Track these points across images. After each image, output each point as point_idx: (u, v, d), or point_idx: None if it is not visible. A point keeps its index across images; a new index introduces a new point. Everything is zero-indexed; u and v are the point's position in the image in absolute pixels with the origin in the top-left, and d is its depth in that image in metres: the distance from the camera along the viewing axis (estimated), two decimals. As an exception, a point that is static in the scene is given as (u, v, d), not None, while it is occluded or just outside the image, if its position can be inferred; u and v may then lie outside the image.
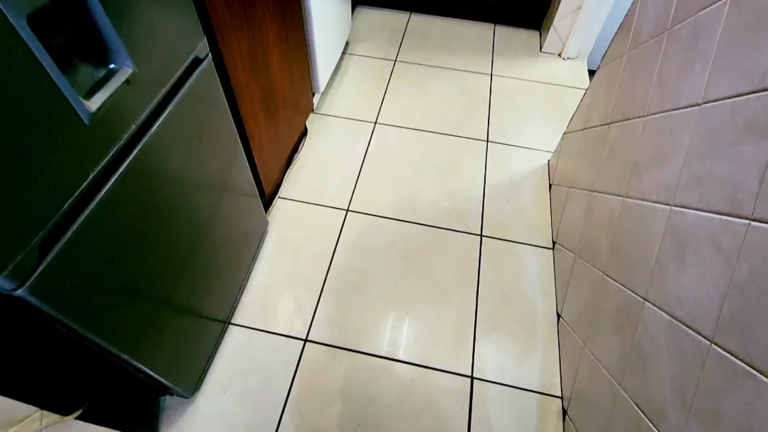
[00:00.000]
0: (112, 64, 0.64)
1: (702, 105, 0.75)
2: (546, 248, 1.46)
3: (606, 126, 1.18)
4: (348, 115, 1.84)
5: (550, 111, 1.90)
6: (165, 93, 0.76)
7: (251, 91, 1.16)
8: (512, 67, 2.09)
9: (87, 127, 0.60)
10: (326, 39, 1.67)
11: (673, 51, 0.88)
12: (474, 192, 1.60)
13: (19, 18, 0.47)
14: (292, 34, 1.38)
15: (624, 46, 1.15)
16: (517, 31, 2.30)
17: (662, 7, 0.97)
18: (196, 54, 0.84)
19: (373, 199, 1.57)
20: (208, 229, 1.01)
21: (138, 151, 0.71)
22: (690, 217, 0.73)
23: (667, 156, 0.83)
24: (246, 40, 1.07)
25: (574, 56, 2.14)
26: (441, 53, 2.14)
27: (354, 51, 2.12)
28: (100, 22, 0.59)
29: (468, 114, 1.87)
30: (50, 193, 0.56)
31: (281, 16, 1.26)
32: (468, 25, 2.32)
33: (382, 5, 2.39)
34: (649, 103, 0.95)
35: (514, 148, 1.76)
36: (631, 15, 1.14)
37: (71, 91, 0.56)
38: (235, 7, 0.98)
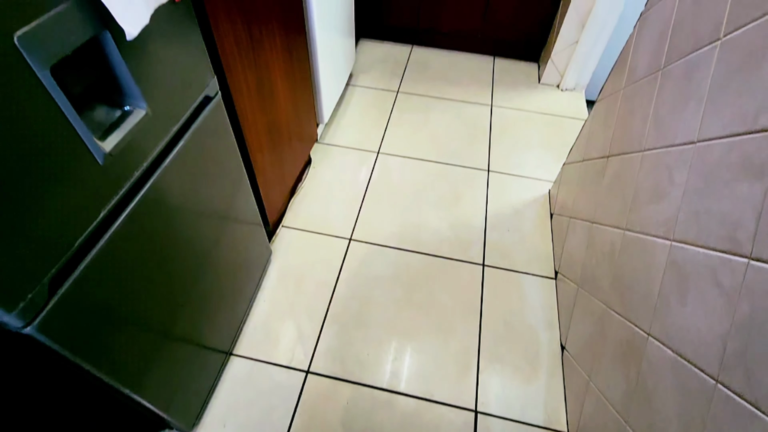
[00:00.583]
0: (127, 106, 0.67)
1: (697, 143, 0.77)
2: (548, 278, 1.46)
3: (605, 158, 1.20)
4: (351, 145, 1.87)
5: (550, 141, 1.94)
6: (176, 131, 0.79)
7: (258, 124, 1.19)
8: (512, 98, 2.14)
9: (101, 168, 0.62)
10: (331, 72, 1.72)
11: (668, 89, 0.91)
12: (476, 221, 1.62)
13: (43, 69, 0.50)
14: (298, 68, 1.42)
15: (620, 83, 1.18)
16: (516, 63, 2.37)
17: (655, 47, 1.01)
18: (207, 93, 0.87)
19: (376, 228, 1.58)
20: (211, 258, 1.02)
21: (148, 188, 0.73)
22: (690, 253, 0.74)
23: (666, 191, 0.85)
24: (254, 77, 1.11)
25: (572, 88, 2.19)
26: (442, 84, 2.20)
27: (357, 82, 2.18)
28: (117, 68, 0.62)
29: (469, 144, 1.90)
30: (62, 231, 0.58)
31: (288, 52, 1.30)
32: (468, 57, 2.39)
33: (384, 38, 2.47)
34: (646, 138, 0.97)
35: (515, 177, 1.78)
36: (625, 53, 1.18)
37: (87, 133, 0.58)
38: (243, 46, 1.02)
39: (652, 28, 1.04)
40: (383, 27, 2.41)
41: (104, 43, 0.59)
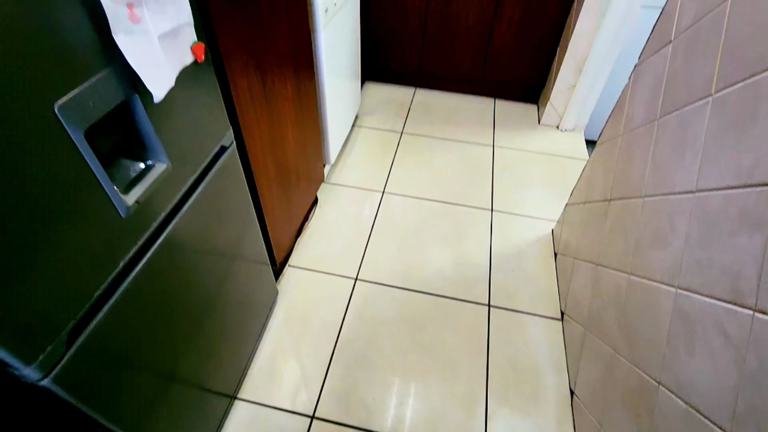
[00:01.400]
0: (150, 161, 0.70)
1: (696, 193, 0.80)
2: (555, 319, 1.46)
3: (606, 202, 1.22)
4: (357, 185, 1.91)
5: (551, 181, 1.98)
6: (193, 180, 0.82)
7: (268, 168, 1.23)
8: (513, 138, 2.20)
9: (123, 220, 0.64)
10: (338, 114, 1.79)
11: (664, 139, 0.94)
12: (480, 260, 1.63)
13: (77, 133, 0.53)
14: (308, 112, 1.48)
15: (618, 129, 1.22)
16: (516, 104, 2.45)
17: (651, 97, 1.05)
18: (223, 143, 0.91)
19: (381, 267, 1.59)
20: (219, 299, 1.03)
21: (164, 237, 0.75)
22: (696, 302, 0.75)
23: (668, 238, 0.87)
24: (266, 124, 1.16)
25: (571, 128, 2.25)
26: (445, 125, 2.27)
27: (363, 123, 2.26)
28: (143, 127, 0.65)
29: (472, 183, 1.94)
30: (84, 282, 0.60)
31: (298, 98, 1.36)
32: (470, 99, 2.47)
33: (389, 81, 2.57)
34: (645, 184, 1.00)
35: (518, 217, 1.80)
36: (622, 101, 1.23)
37: (112, 188, 0.61)
38: (257, 97, 1.08)
39: (646, 80, 1.10)
40: (388, 70, 2.51)
41: (133, 105, 0.63)
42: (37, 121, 0.48)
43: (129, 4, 0.58)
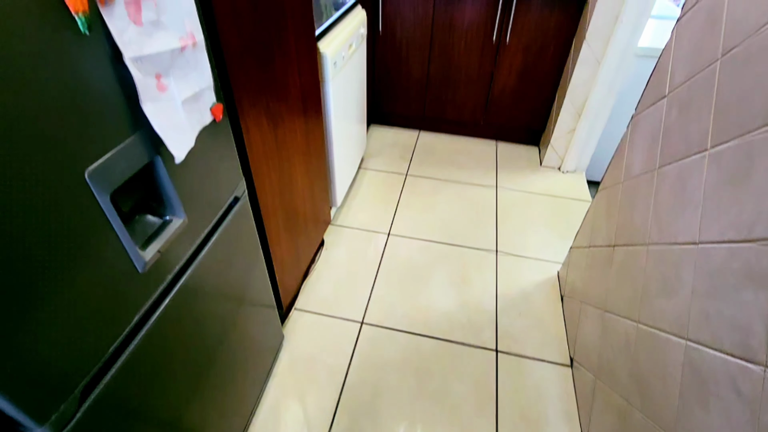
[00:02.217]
0: (168, 216, 0.73)
1: (699, 245, 0.81)
2: (564, 365, 1.43)
3: (611, 247, 1.23)
4: (363, 227, 1.94)
5: (555, 222, 2.00)
6: (207, 232, 0.85)
7: (277, 214, 1.26)
8: (515, 180, 2.25)
9: (139, 275, 0.66)
10: (344, 158, 1.84)
11: (665, 190, 0.97)
12: (486, 304, 1.62)
13: (104, 196, 0.56)
14: (316, 157, 1.53)
15: (618, 176, 1.25)
16: (518, 147, 2.51)
17: (649, 147, 1.09)
18: (236, 194, 0.94)
19: (387, 311, 1.59)
20: (225, 345, 1.03)
21: (178, 288, 0.77)
22: (706, 356, 0.74)
23: (674, 288, 0.87)
24: (276, 172, 1.20)
25: (573, 170, 2.30)
26: (448, 167, 2.32)
27: (368, 166, 2.31)
28: (164, 186, 0.69)
29: (476, 225, 1.96)
30: (98, 339, 0.61)
31: (307, 145, 1.41)
32: (472, 141, 2.54)
33: (393, 124, 2.65)
34: (649, 233, 1.02)
35: (523, 259, 1.81)
36: (621, 149, 1.27)
37: (132, 245, 0.64)
38: (269, 148, 1.12)
39: (643, 131, 1.14)
40: (392, 114, 2.60)
41: (155, 166, 0.66)
42: (67, 187, 0.51)
43: (157, 74, 0.63)
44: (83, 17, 0.49)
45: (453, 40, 2.18)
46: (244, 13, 0.88)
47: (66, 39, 0.48)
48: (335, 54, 1.46)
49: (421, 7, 2.11)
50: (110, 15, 0.53)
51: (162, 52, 0.62)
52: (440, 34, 2.17)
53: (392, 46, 2.27)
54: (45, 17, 0.46)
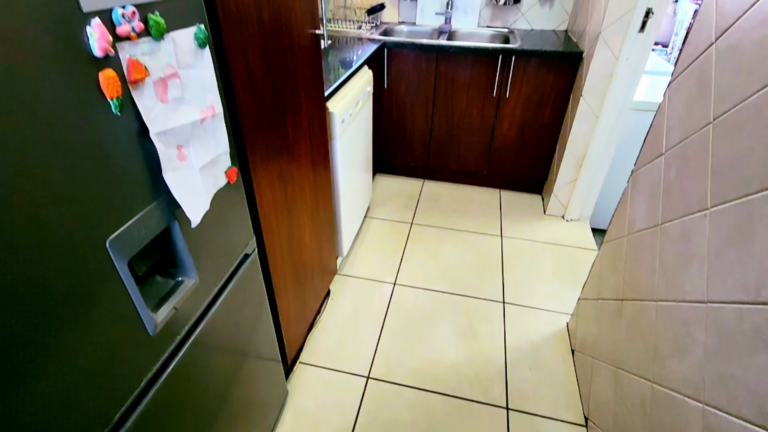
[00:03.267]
0: (180, 277, 0.75)
1: (708, 304, 0.81)
2: (579, 425, 1.37)
3: (619, 301, 1.22)
4: (368, 276, 1.94)
5: (561, 271, 1.99)
6: (217, 290, 0.86)
7: (285, 268, 1.27)
8: (520, 228, 2.26)
9: (150, 338, 0.67)
10: (351, 209, 1.88)
11: (669, 246, 0.98)
12: (495, 357, 1.58)
13: (122, 263, 0.58)
14: (323, 209, 1.56)
15: (622, 230, 1.27)
16: (521, 195, 2.55)
17: (650, 204, 1.11)
18: (246, 251, 0.96)
19: (393, 364, 1.55)
20: (228, 402, 1.00)
21: (186, 348, 0.77)
22: (725, 422, 0.72)
23: (687, 348, 0.86)
24: (285, 228, 1.22)
25: (577, 218, 2.32)
26: (453, 216, 2.35)
27: (374, 215, 2.35)
28: (179, 250, 0.71)
29: (482, 275, 1.96)
30: (106, 406, 0.60)
31: (315, 199, 1.45)
32: (476, 190, 2.59)
33: (399, 173, 2.72)
34: (656, 287, 1.01)
35: (530, 309, 1.79)
36: (623, 203, 1.29)
37: (144, 308, 0.65)
38: (279, 205, 1.15)
39: (644, 186, 1.16)
40: (397, 164, 2.67)
41: (172, 231, 0.69)
42: (88, 255, 0.53)
43: (179, 146, 0.67)
44: (116, 101, 0.54)
45: (455, 95, 2.28)
46: (259, 83, 0.94)
47: (99, 118, 0.52)
48: (343, 112, 1.53)
49: (424, 65, 2.23)
50: (140, 96, 0.57)
51: (184, 125, 0.67)
52: (443, 88, 2.28)
53: (397, 100, 2.38)
54: (81, 99, 0.50)
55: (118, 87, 0.53)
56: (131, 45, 0.55)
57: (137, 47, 0.56)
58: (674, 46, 4.21)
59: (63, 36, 0.46)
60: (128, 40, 0.54)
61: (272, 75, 1.00)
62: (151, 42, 0.58)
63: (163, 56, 0.61)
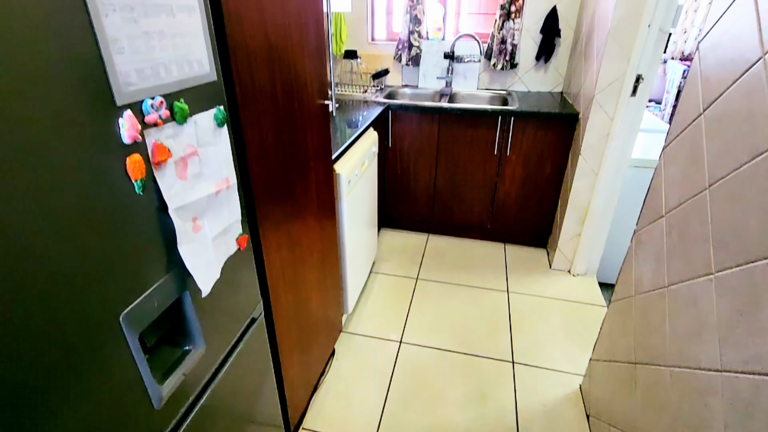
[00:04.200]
0: (187, 346, 0.75)
1: (723, 373, 0.79)
2: (599, 500, 1.29)
3: (632, 365, 1.19)
4: (374, 334, 1.91)
5: (570, 329, 1.95)
6: (223, 357, 0.85)
7: (290, 329, 1.26)
8: (526, 284, 2.24)
9: (155, 411, 0.66)
10: (357, 266, 1.88)
11: (678, 310, 0.97)
12: (507, 422, 1.51)
13: (133, 336, 0.59)
14: (329, 268, 1.57)
15: (629, 290, 1.26)
16: (526, 249, 2.55)
17: (655, 265, 1.11)
18: (253, 315, 0.97)
19: (400, 430, 1.48)
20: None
21: (190, 419, 0.75)
22: (753, 505, 0.68)
23: (706, 421, 0.83)
24: (292, 290, 1.23)
25: (583, 273, 2.30)
26: (459, 271, 2.34)
27: (379, 269, 2.35)
28: (189, 320, 0.71)
29: (490, 333, 1.92)
30: (106, 487, 0.58)
31: (322, 259, 1.46)
32: (480, 244, 2.60)
33: (403, 228, 2.75)
34: (669, 353, 0.99)
35: (541, 370, 1.73)
36: (628, 262, 1.29)
37: (151, 380, 0.64)
38: (287, 268, 1.17)
39: (647, 246, 1.17)
40: (402, 219, 2.71)
41: (183, 302, 0.70)
42: (100, 331, 0.54)
43: (194, 218, 0.70)
44: (140, 182, 0.57)
45: (457, 153, 2.36)
46: (271, 152, 0.99)
47: (123, 199, 0.55)
48: (350, 173, 1.59)
49: (426, 125, 2.33)
50: (162, 176, 0.61)
51: (201, 198, 0.70)
52: (445, 147, 2.36)
53: (401, 158, 2.46)
54: (109, 182, 0.53)
55: (143, 169, 0.57)
56: (157, 130, 0.59)
57: (162, 131, 0.60)
58: (667, 102, 4.38)
59: (97, 127, 0.51)
60: (155, 126, 0.59)
61: (283, 144, 1.06)
62: (175, 126, 0.63)
63: (185, 137, 0.65)
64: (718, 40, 0.93)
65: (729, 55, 0.87)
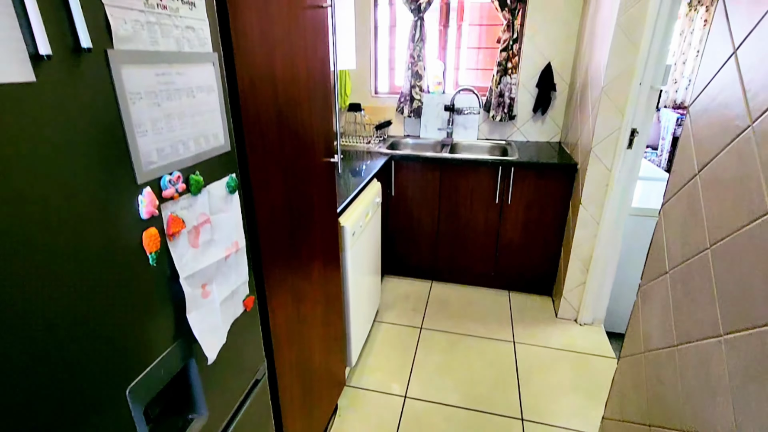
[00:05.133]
0: (191, 415, 0.73)
1: (740, 442, 0.76)
2: None
3: (647, 426, 1.15)
4: (378, 388, 1.85)
5: (580, 382, 1.89)
6: (225, 423, 0.83)
7: (293, 388, 1.23)
8: (533, 334, 2.20)
9: (154, 488, 0.64)
10: (360, 316, 1.86)
11: (689, 371, 0.95)
12: (518, 487, 1.44)
13: (138, 409, 0.58)
14: (333, 321, 1.55)
15: (638, 347, 1.24)
16: (531, 297, 2.53)
17: (663, 321, 1.10)
18: (257, 377, 0.95)
19: (406, 497, 1.41)
20: None
21: (188, 496, 0.72)
22: None
23: (727, 493, 0.79)
24: (296, 347, 1.21)
25: (590, 322, 2.27)
26: (463, 320, 2.31)
27: (383, 318, 2.32)
28: (194, 388, 0.71)
29: (497, 386, 1.86)
30: None
31: (326, 313, 1.45)
32: (484, 291, 2.57)
33: (407, 275, 2.73)
34: (684, 415, 0.96)
35: (552, 428, 1.66)
36: (635, 317, 1.28)
37: (153, 455, 0.63)
38: (291, 325, 1.16)
39: (653, 302, 1.16)
40: (405, 265, 2.70)
41: (188, 370, 0.69)
42: (107, 406, 0.54)
43: (203, 284, 0.71)
44: (154, 254, 0.59)
45: (459, 201, 2.40)
46: (279, 213, 1.02)
47: (137, 271, 0.57)
48: (354, 225, 1.61)
49: (429, 174, 2.38)
50: (175, 246, 0.63)
51: (211, 265, 0.71)
52: (447, 195, 2.41)
53: (404, 206, 2.49)
54: (124, 257, 0.55)
55: (158, 242, 0.59)
56: (173, 203, 0.62)
57: (178, 204, 0.63)
58: (663, 149, 4.48)
59: (118, 205, 0.53)
60: (171, 199, 0.61)
61: (291, 202, 1.08)
62: (189, 197, 0.65)
63: (198, 207, 0.68)
64: (707, 105, 0.97)
65: (719, 121, 0.91)
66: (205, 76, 0.67)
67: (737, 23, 0.87)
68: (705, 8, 4.48)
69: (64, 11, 0.44)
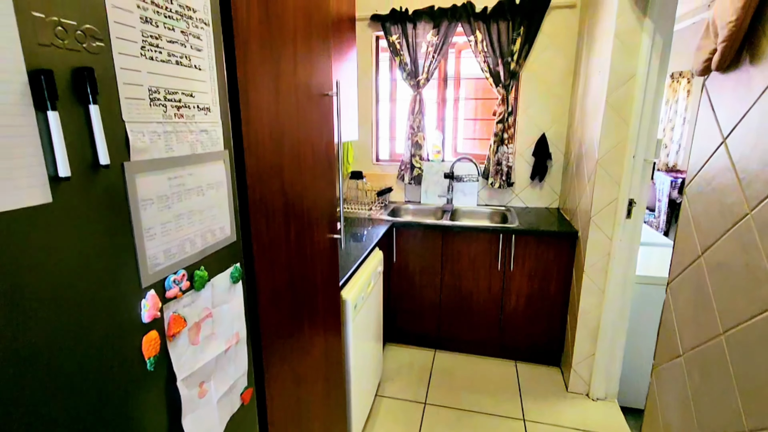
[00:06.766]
0: None
1: None
2: None
3: None
4: (379, 475, 1.72)
5: (598, 467, 1.75)
6: None
7: (289, 482, 1.14)
8: (543, 410, 2.08)
9: None
10: (362, 391, 1.77)
11: (716, 468, 0.89)
12: None
13: None
14: (334, 400, 1.47)
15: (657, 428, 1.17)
16: (539, 368, 2.42)
17: (682, 409, 1.04)
18: (250, 477, 0.88)
19: None
20: None
21: None
22: None
23: None
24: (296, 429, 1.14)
25: (603, 397, 2.15)
26: (469, 394, 2.19)
27: (385, 392, 2.20)
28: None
29: (509, 472, 1.73)
30: None
31: (326, 389, 1.38)
32: (490, 362, 2.47)
33: (409, 343, 2.65)
34: None
35: None
36: (652, 402, 1.22)
37: None
38: (291, 411, 1.10)
39: (670, 386, 1.11)
40: (408, 334, 2.62)
41: (180, 480, 0.64)
42: None
43: (201, 383, 0.68)
44: (153, 359, 0.57)
45: (461, 268, 2.38)
46: (281, 294, 1.00)
47: (132, 376, 0.55)
48: (356, 298, 1.58)
49: (430, 241, 2.39)
50: (174, 347, 0.61)
51: (210, 361, 0.69)
52: (449, 262, 2.39)
53: (406, 273, 2.47)
54: (119, 362, 0.53)
55: (158, 346, 0.57)
56: (176, 302, 0.61)
57: (180, 302, 0.62)
58: (660, 210, 4.54)
59: (121, 312, 0.52)
60: (174, 299, 0.60)
61: (294, 283, 1.07)
62: (192, 294, 0.64)
63: (201, 302, 0.67)
64: (702, 189, 1.00)
65: (716, 207, 0.93)
66: (216, 173, 0.69)
67: (724, 116, 0.91)
68: (687, 80, 4.75)
69: (87, 131, 0.46)
